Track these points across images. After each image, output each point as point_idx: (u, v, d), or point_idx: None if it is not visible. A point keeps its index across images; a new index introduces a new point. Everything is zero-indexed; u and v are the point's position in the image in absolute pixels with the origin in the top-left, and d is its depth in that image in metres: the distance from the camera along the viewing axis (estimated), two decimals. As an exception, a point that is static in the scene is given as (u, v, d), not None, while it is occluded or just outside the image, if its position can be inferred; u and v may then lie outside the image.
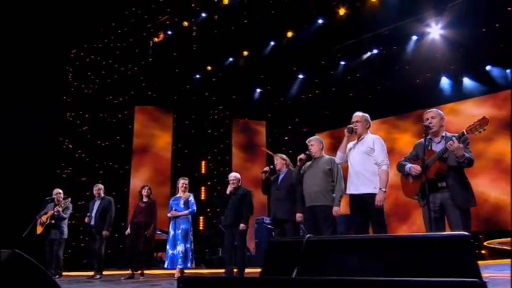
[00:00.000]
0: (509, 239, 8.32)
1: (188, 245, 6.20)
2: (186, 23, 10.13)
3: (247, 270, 6.20)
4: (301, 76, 11.44)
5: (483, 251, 8.40)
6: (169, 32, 10.40)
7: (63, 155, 10.41)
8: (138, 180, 10.70)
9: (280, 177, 5.39)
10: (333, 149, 11.35)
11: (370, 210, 3.91)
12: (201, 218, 10.91)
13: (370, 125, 4.27)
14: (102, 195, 7.21)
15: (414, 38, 9.61)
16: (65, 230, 7.12)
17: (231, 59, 10.92)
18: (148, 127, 11.22)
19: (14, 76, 9.27)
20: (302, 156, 4.75)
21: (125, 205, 10.41)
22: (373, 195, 3.87)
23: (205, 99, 11.94)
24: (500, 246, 8.12)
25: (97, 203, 7.10)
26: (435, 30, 9.32)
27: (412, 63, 9.94)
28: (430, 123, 3.63)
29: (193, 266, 6.33)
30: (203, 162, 11.86)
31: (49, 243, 7.03)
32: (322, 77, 11.39)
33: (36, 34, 9.50)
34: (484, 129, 3.37)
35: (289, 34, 10.01)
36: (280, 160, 5.48)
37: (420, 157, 3.54)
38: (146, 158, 11.06)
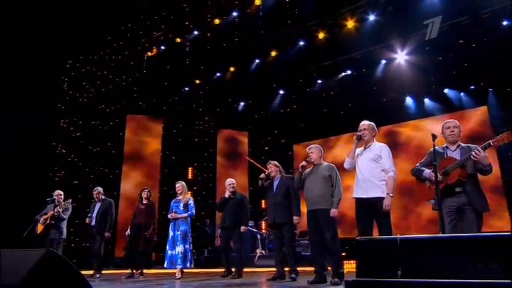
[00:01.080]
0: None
1: (187, 246, 6.21)
2: (178, 39, 10.53)
3: (245, 269, 6.45)
4: (281, 92, 12.05)
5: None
6: (163, 47, 10.79)
7: (56, 159, 10.55)
8: (129, 184, 10.99)
9: (275, 183, 5.52)
10: (310, 159, 12.10)
11: (377, 213, 3.95)
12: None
13: (376, 133, 4.30)
14: (103, 197, 7.31)
15: (383, 62, 10.35)
16: (64, 230, 7.07)
17: (218, 74, 11.39)
18: (139, 135, 11.45)
19: (11, 82, 9.42)
20: (304, 163, 4.82)
21: (115, 207, 10.63)
22: (381, 199, 3.94)
23: (193, 110, 12.26)
24: None
25: (98, 205, 7.21)
26: (401, 56, 10.07)
27: (381, 84, 10.72)
28: (452, 131, 3.67)
29: (192, 266, 6.38)
30: (190, 169, 12.10)
31: (48, 243, 6.91)
32: (300, 94, 11.98)
33: (36, 44, 9.70)
34: (510, 141, 3.36)
35: (273, 53, 10.56)
36: (274, 167, 5.61)
37: (438, 164, 3.49)
38: (136, 164, 11.27)
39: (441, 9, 8.70)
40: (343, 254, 5.07)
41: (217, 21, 10.04)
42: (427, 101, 10.64)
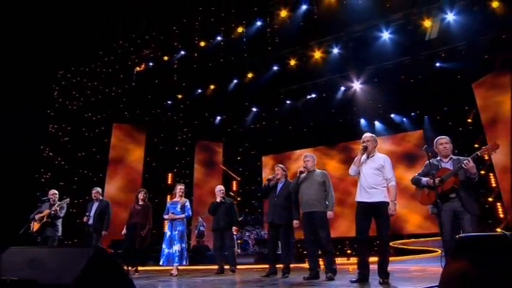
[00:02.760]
0: (405, 240, 10.51)
1: (184, 245, 6.30)
2: (166, 57, 11.03)
3: (238, 266, 6.74)
4: (254, 109, 12.84)
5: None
6: (151, 64, 11.28)
7: (43, 162, 10.64)
8: (112, 187, 11.28)
9: (279, 186, 5.57)
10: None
11: (381, 215, 4.14)
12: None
13: (377, 144, 4.45)
14: (100, 197, 7.35)
15: (342, 88, 11.46)
16: (60, 228, 7.02)
17: (199, 90, 11.94)
18: (123, 142, 11.78)
19: (3, 87, 9.51)
20: (302, 169, 4.97)
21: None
22: (384, 203, 4.15)
23: (174, 122, 12.72)
24: (401, 246, 10.12)
25: (95, 205, 7.22)
26: (356, 85, 11.26)
27: (339, 107, 11.83)
28: (445, 147, 4.03)
29: (188, 263, 6.44)
30: (169, 175, 12.56)
31: (43, 240, 6.89)
32: (270, 112, 12.82)
33: (30, 53, 9.89)
34: (495, 152, 3.78)
35: (250, 75, 11.29)
36: (281, 171, 5.64)
37: (434, 174, 3.82)
38: (120, 168, 11.57)
39: (390, 49, 10.13)
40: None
41: (203, 43, 10.69)
42: (377, 123, 12.06)
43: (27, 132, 9.91)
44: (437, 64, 10.18)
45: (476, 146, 10.21)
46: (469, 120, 10.69)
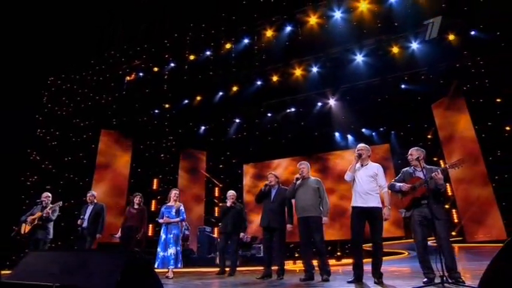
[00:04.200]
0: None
1: (178, 248, 6.26)
2: (156, 69, 11.19)
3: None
4: (237, 120, 13.17)
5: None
6: (141, 74, 11.39)
7: (30, 165, 10.41)
8: (99, 191, 11.03)
9: (273, 191, 5.63)
10: (256, 177, 13.49)
11: (375, 219, 4.29)
12: (150, 225, 11.58)
13: (370, 153, 4.70)
14: (95, 201, 7.20)
15: (319, 104, 12.06)
16: (51, 230, 6.81)
17: (186, 101, 12.13)
18: (111, 148, 11.71)
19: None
20: (298, 175, 5.08)
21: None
22: (378, 208, 4.32)
23: (160, 130, 12.77)
24: (370, 249, 10.62)
25: (90, 208, 7.09)
26: (331, 101, 11.90)
27: (316, 121, 12.36)
28: (416, 157, 4.26)
29: (182, 266, 6.38)
30: (155, 180, 12.59)
31: (34, 243, 6.65)
32: (251, 123, 13.18)
33: (21, 59, 9.77)
34: (462, 167, 3.97)
35: (235, 88, 11.64)
36: (274, 177, 5.70)
37: (408, 181, 4.19)
38: (107, 173, 11.48)
39: (362, 70, 10.92)
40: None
41: (192, 57, 11.00)
42: (349, 136, 12.82)
43: (14, 136, 9.70)
44: (402, 86, 11.06)
45: (435, 159, 11.17)
46: (429, 136, 11.67)
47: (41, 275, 2.45)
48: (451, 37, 9.84)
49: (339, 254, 10.77)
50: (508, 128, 9.90)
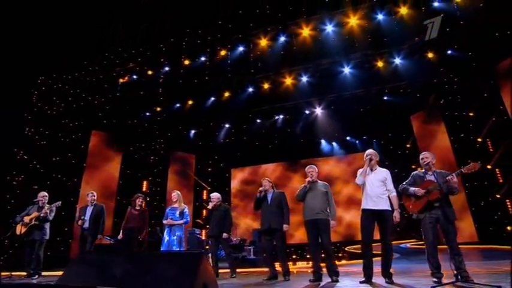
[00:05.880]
0: (359, 245, 11.29)
1: (182, 249, 6.17)
2: (150, 72, 10.94)
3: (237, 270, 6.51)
4: (227, 125, 13.10)
5: (344, 254, 11.05)
6: (134, 76, 11.09)
7: (16, 165, 9.85)
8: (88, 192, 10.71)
9: (269, 196, 5.64)
10: (243, 181, 13.46)
11: (386, 221, 4.36)
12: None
13: (378, 159, 4.76)
14: (95, 202, 7.08)
15: (306, 112, 12.25)
16: (47, 231, 6.68)
17: (178, 105, 11.94)
18: (101, 149, 11.30)
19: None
20: (309, 179, 5.10)
21: (70, 212, 10.11)
22: (389, 210, 4.40)
23: (150, 133, 12.51)
24: (354, 251, 10.91)
25: (90, 209, 6.96)
26: (318, 110, 12.16)
27: (303, 128, 12.58)
28: (430, 161, 4.31)
29: None
30: (144, 182, 12.26)
31: (30, 244, 6.50)
32: (240, 129, 13.15)
33: (11, 58, 9.29)
34: (476, 171, 3.92)
35: (227, 94, 11.61)
36: (268, 183, 5.72)
37: (420, 184, 4.24)
38: (96, 175, 11.05)
39: (348, 82, 11.21)
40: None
41: (187, 61, 10.85)
42: (334, 144, 13.08)
43: (0, 134, 9.18)
44: (385, 98, 11.44)
45: (413, 167, 11.60)
46: (408, 146, 12.14)
47: (97, 278, 2.30)
48: (430, 55, 10.35)
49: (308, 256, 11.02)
50: (479, 140, 10.49)
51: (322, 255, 5.05)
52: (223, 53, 10.81)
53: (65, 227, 9.96)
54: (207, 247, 11.75)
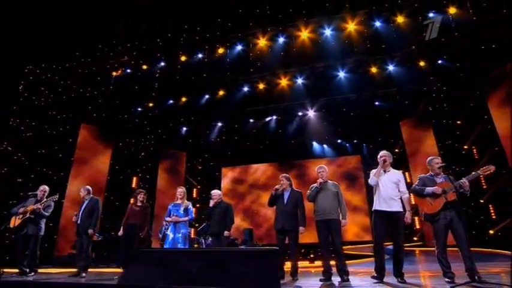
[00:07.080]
0: (346, 246, 11.32)
1: (187, 247, 6.01)
2: (145, 66, 10.61)
3: None
4: (219, 124, 12.86)
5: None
6: (128, 70, 10.71)
7: (-1, 156, 9.26)
8: (75, 187, 10.19)
9: (286, 194, 5.46)
10: (234, 181, 13.24)
11: (398, 222, 4.36)
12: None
13: (392, 160, 4.74)
14: (89, 196, 6.61)
15: (299, 113, 12.15)
16: (43, 227, 6.33)
17: (171, 101, 11.59)
18: (90, 143, 10.81)
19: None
20: (320, 180, 5.07)
21: (55, 207, 9.64)
22: (401, 212, 4.40)
23: (141, 128, 12.11)
24: (348, 252, 10.81)
25: (84, 204, 6.54)
26: (311, 112, 12.11)
27: (295, 130, 12.51)
28: (437, 163, 4.40)
29: None
30: (134, 178, 11.81)
31: (24, 239, 6.09)
32: (233, 128, 12.96)
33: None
34: (492, 174, 4.10)
35: (221, 92, 11.38)
36: (285, 180, 5.55)
37: (428, 185, 4.31)
38: (85, 169, 10.56)
39: (342, 86, 11.26)
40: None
41: (184, 58, 10.59)
42: (325, 146, 13.11)
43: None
44: (376, 103, 11.56)
45: (401, 171, 11.77)
46: (396, 150, 12.32)
47: (171, 274, 2.12)
48: (422, 63, 10.54)
49: (312, 256, 10.94)
50: (466, 147, 10.77)
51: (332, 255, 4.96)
52: (221, 51, 10.61)
53: (50, 223, 9.40)
54: (196, 245, 11.51)
